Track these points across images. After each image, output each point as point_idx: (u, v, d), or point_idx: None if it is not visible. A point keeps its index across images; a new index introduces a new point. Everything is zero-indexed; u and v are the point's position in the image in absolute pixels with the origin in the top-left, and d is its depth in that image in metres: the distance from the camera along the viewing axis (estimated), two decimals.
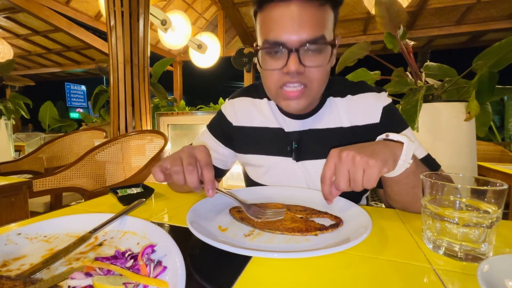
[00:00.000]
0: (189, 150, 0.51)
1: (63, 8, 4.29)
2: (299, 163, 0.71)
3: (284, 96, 0.61)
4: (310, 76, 0.59)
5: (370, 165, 0.44)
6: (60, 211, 0.59)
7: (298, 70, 0.56)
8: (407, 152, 0.49)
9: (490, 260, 0.31)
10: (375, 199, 3.03)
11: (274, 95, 0.64)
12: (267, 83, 0.64)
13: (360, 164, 0.45)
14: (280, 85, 0.61)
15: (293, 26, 0.55)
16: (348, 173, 0.46)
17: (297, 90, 0.59)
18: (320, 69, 0.59)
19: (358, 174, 0.45)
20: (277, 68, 0.59)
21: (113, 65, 2.25)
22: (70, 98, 11.71)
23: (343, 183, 0.46)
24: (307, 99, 0.62)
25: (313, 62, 0.57)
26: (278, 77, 0.60)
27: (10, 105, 3.49)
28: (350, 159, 0.45)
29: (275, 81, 0.61)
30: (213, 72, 6.50)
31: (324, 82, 0.63)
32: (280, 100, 0.63)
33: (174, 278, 0.30)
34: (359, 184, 0.45)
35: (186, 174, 0.48)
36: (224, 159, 0.82)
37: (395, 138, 0.51)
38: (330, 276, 0.34)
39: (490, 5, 4.03)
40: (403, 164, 0.49)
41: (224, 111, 0.81)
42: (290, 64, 0.56)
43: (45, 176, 1.48)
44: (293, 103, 0.61)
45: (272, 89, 0.63)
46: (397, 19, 1.39)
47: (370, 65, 1.73)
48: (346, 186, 0.46)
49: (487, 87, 1.24)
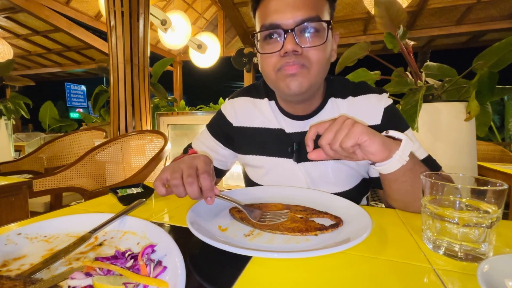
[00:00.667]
0: (189, 161, 0.52)
1: (63, 8, 4.29)
2: (300, 164, 0.71)
3: (283, 75, 0.60)
4: (309, 56, 0.58)
5: (355, 126, 0.48)
6: (60, 211, 0.59)
7: (295, 49, 0.56)
8: (404, 148, 0.49)
9: (490, 260, 0.31)
10: (375, 199, 3.03)
11: (274, 79, 0.63)
12: (265, 69, 0.63)
13: (347, 124, 0.48)
14: (278, 68, 0.60)
15: (287, 8, 0.56)
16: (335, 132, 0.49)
17: (295, 67, 0.59)
18: (318, 50, 0.58)
19: (341, 132, 0.48)
20: (275, 51, 0.59)
21: (113, 65, 2.25)
22: (70, 98, 11.71)
23: (325, 137, 0.49)
24: (307, 79, 0.60)
25: (310, 42, 0.58)
26: (276, 60, 0.60)
27: (10, 105, 3.49)
28: (342, 120, 0.49)
29: (273, 65, 0.61)
30: (213, 72, 6.49)
31: (324, 65, 0.61)
32: (280, 82, 0.62)
33: (174, 278, 0.30)
34: (338, 139, 0.48)
35: (187, 186, 0.48)
36: (223, 159, 0.82)
37: (395, 136, 0.52)
38: (330, 276, 0.34)
39: (490, 5, 4.03)
40: (399, 159, 0.49)
41: (224, 111, 0.81)
42: (287, 44, 0.56)
43: (45, 176, 1.48)
44: (292, 81, 0.59)
45: (271, 73, 0.62)
46: (397, 19, 1.39)
47: (370, 65, 1.73)
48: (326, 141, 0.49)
49: (487, 87, 1.24)
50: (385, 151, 0.49)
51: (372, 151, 0.49)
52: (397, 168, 0.50)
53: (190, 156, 0.54)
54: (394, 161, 0.49)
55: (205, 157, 0.54)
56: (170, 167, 0.52)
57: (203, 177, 0.49)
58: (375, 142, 0.48)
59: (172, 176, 0.49)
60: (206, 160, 0.53)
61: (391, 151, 0.49)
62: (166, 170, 0.52)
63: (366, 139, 0.47)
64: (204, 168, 0.50)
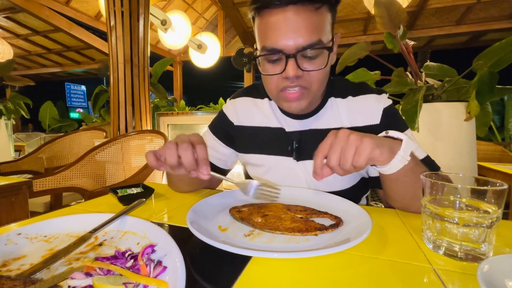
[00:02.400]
0: (184, 136, 0.53)
1: (63, 8, 4.29)
2: (300, 162, 0.71)
3: (285, 98, 0.63)
4: (309, 79, 0.60)
5: (363, 142, 0.46)
6: (60, 211, 0.59)
7: (296, 74, 0.58)
8: (405, 148, 0.49)
9: (490, 260, 0.31)
10: (375, 199, 3.03)
11: (275, 97, 0.67)
12: (267, 87, 0.66)
13: (354, 141, 0.46)
14: (280, 89, 0.62)
15: (289, 33, 0.55)
16: (341, 150, 0.47)
17: (296, 92, 0.61)
18: (318, 72, 0.60)
19: (349, 151, 0.46)
20: (277, 73, 0.60)
21: (113, 65, 2.25)
22: (70, 98, 11.70)
23: (333, 158, 0.47)
24: (307, 99, 0.63)
25: (311, 66, 0.58)
26: (278, 81, 0.61)
27: (10, 105, 3.49)
28: (345, 137, 0.47)
29: (275, 85, 0.62)
30: (213, 72, 6.50)
31: (323, 83, 0.63)
32: (282, 102, 0.65)
33: (174, 278, 0.30)
34: (348, 159, 0.46)
35: (181, 151, 0.48)
36: (225, 158, 0.82)
37: (395, 135, 0.51)
38: (330, 276, 0.34)
39: (490, 5, 4.03)
40: (401, 160, 0.49)
41: (226, 110, 0.82)
42: (289, 69, 0.57)
43: (45, 176, 1.48)
44: (293, 104, 0.63)
45: (272, 92, 0.65)
46: (397, 19, 1.39)
47: (370, 65, 1.73)
48: (336, 161, 0.47)
49: (487, 87, 1.24)
50: (391, 155, 0.49)
51: (382, 160, 0.48)
52: (399, 169, 0.50)
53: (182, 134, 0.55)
54: (396, 161, 0.49)
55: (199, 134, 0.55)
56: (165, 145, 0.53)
57: (200, 146, 0.50)
58: (385, 152, 0.48)
59: (167, 144, 0.50)
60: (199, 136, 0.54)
61: (393, 152, 0.49)
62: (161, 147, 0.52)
63: (377, 152, 0.47)
64: (199, 139, 0.52)
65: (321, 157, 0.49)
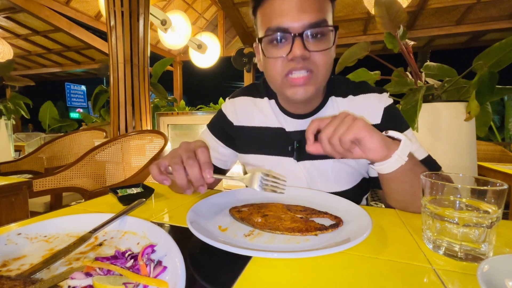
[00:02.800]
0: (186, 146, 0.52)
1: (63, 8, 4.29)
2: (300, 163, 0.71)
3: (291, 83, 0.60)
4: (316, 61, 0.58)
5: (355, 121, 0.48)
6: (60, 211, 0.59)
7: (303, 54, 0.56)
8: (403, 148, 0.49)
9: (490, 260, 0.31)
10: (375, 199, 3.03)
11: (279, 84, 0.63)
12: (271, 73, 0.62)
13: (348, 119, 0.48)
14: (285, 73, 0.60)
15: (294, 11, 0.55)
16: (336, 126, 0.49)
17: (304, 76, 0.59)
18: (324, 54, 0.58)
19: (342, 127, 0.48)
20: (282, 56, 0.58)
21: (113, 65, 2.25)
22: (70, 98, 11.70)
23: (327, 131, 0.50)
24: (313, 85, 0.61)
25: (318, 47, 0.57)
26: (283, 65, 0.59)
27: (10, 105, 3.49)
28: (343, 116, 0.50)
29: (280, 69, 0.60)
30: (213, 72, 6.49)
31: (329, 68, 0.62)
32: (286, 89, 0.62)
33: (174, 278, 0.30)
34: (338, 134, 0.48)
35: (188, 168, 0.48)
36: (224, 159, 0.82)
37: (394, 136, 0.52)
38: (330, 276, 0.34)
39: (490, 5, 4.03)
40: (398, 159, 0.49)
41: (225, 110, 0.81)
42: (295, 49, 0.55)
43: (45, 176, 1.48)
44: (300, 90, 0.60)
45: (277, 78, 0.62)
46: (397, 19, 1.39)
47: (370, 65, 1.72)
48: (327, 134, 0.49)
49: (487, 87, 1.24)
50: (384, 149, 0.49)
51: (371, 148, 0.49)
52: (396, 168, 0.50)
53: (185, 142, 0.54)
54: (393, 161, 0.49)
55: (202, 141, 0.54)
56: (168, 154, 0.52)
57: (201, 150, 0.50)
58: (374, 138, 0.48)
59: (172, 161, 0.49)
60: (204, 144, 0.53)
61: (390, 150, 0.49)
62: (164, 158, 0.51)
63: (365, 134, 0.48)
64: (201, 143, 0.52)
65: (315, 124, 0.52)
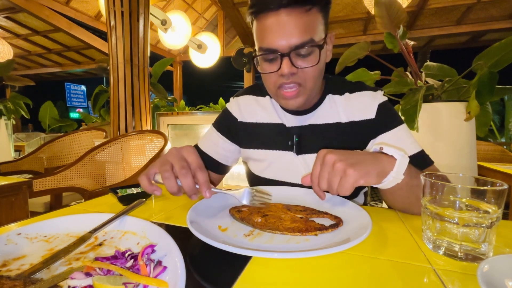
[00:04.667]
0: (177, 153, 0.51)
1: (63, 8, 4.29)
2: (300, 156, 0.74)
3: (282, 96, 0.66)
4: (304, 76, 0.63)
5: (347, 174, 0.45)
6: (60, 211, 0.59)
7: (291, 71, 0.61)
8: (398, 169, 0.47)
9: (490, 260, 0.31)
10: (375, 199, 3.03)
11: (274, 95, 0.69)
12: (266, 85, 0.69)
13: (338, 170, 0.46)
14: (277, 86, 0.65)
15: (282, 33, 0.59)
16: (328, 176, 0.48)
17: (293, 91, 0.64)
18: (312, 69, 0.63)
19: (334, 180, 0.47)
20: (273, 71, 0.63)
21: (113, 65, 2.25)
22: (70, 98, 11.71)
23: (322, 184, 0.49)
24: (303, 97, 0.66)
25: (304, 63, 0.62)
26: (275, 79, 0.65)
27: (10, 105, 3.49)
28: (331, 164, 0.47)
29: (273, 83, 0.66)
30: (213, 72, 6.50)
31: (318, 79, 0.66)
32: (280, 100, 0.68)
33: (174, 278, 0.30)
34: (333, 189, 0.47)
35: (181, 178, 0.47)
36: (227, 154, 0.84)
37: (389, 152, 0.49)
38: (330, 276, 0.34)
39: (490, 5, 4.03)
40: (393, 180, 0.48)
41: (230, 108, 0.85)
42: (284, 67, 0.61)
43: (45, 176, 1.48)
44: (291, 102, 0.66)
45: (271, 90, 0.68)
46: (397, 19, 1.39)
47: (370, 65, 1.72)
48: (325, 187, 0.49)
49: (487, 87, 1.24)
50: (379, 177, 0.48)
51: (370, 183, 0.48)
52: (392, 186, 0.49)
53: (176, 148, 0.53)
54: (388, 181, 0.48)
55: (192, 148, 0.53)
56: (157, 161, 0.51)
57: (200, 170, 0.49)
58: (371, 180, 0.47)
59: (162, 168, 0.48)
60: (194, 152, 0.52)
61: (383, 173, 0.48)
62: (153, 165, 0.51)
63: (362, 182, 0.46)
64: (197, 161, 0.51)
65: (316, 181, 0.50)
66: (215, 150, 0.83)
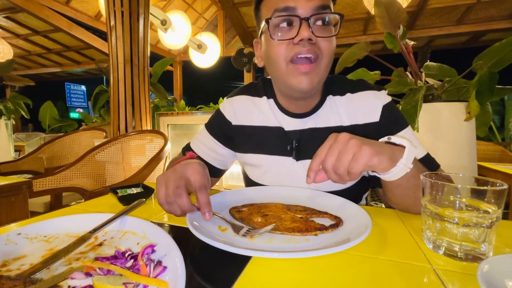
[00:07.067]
0: (181, 170, 0.51)
1: (63, 8, 4.29)
2: (299, 162, 0.71)
3: (296, 71, 0.59)
4: (321, 47, 0.58)
5: (362, 149, 0.45)
6: (60, 211, 0.59)
7: (310, 37, 0.55)
8: (408, 156, 0.47)
9: (490, 260, 0.31)
10: (375, 199, 3.03)
11: (283, 72, 0.61)
12: (275, 60, 0.60)
13: (353, 146, 0.45)
14: (290, 59, 0.58)
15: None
16: (338, 153, 0.46)
17: (308, 64, 0.58)
18: (329, 41, 0.58)
19: (346, 155, 0.45)
20: (288, 38, 0.57)
21: (113, 65, 2.25)
22: (70, 98, 11.71)
23: (329, 161, 0.46)
24: (317, 75, 0.60)
25: (323, 33, 0.57)
26: (288, 49, 0.58)
27: (10, 105, 3.49)
28: (345, 141, 0.46)
29: (285, 54, 0.59)
30: (213, 72, 6.49)
31: (332, 58, 0.61)
32: (291, 78, 0.60)
33: (174, 278, 0.30)
34: (344, 163, 0.45)
35: (175, 198, 0.47)
36: (223, 159, 0.81)
37: (397, 142, 0.49)
38: (330, 276, 0.34)
39: (490, 5, 4.03)
40: (403, 168, 0.48)
41: (223, 110, 0.80)
42: (303, 31, 0.55)
43: (45, 176, 1.48)
44: (305, 78, 0.59)
45: (280, 65, 0.60)
46: (397, 19, 1.39)
47: (370, 65, 1.72)
48: (331, 165, 0.46)
49: (487, 87, 1.24)
50: (390, 162, 0.47)
51: (381, 168, 0.47)
52: (400, 176, 0.49)
53: (182, 164, 0.53)
54: (398, 169, 0.48)
55: (199, 164, 0.52)
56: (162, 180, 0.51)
57: (200, 192, 0.48)
58: (384, 161, 0.46)
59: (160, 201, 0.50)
60: (199, 170, 0.51)
61: (394, 160, 0.48)
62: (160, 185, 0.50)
63: (376, 161, 0.45)
64: (200, 181, 0.50)
65: (318, 160, 0.48)
66: (209, 154, 0.79)
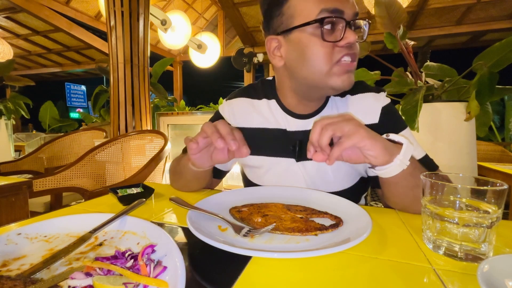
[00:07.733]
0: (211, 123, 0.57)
1: (63, 8, 4.30)
2: (300, 163, 0.71)
3: (342, 70, 0.59)
4: (356, 51, 0.60)
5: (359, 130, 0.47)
6: (60, 211, 0.59)
7: (356, 40, 0.58)
8: (405, 152, 0.49)
9: (490, 260, 0.31)
10: (375, 199, 3.03)
11: (326, 72, 0.59)
12: (319, 60, 0.59)
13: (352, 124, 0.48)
14: (336, 60, 0.58)
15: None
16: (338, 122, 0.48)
17: (351, 63, 0.60)
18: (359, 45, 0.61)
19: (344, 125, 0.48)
20: (337, 40, 0.57)
21: (113, 65, 2.25)
22: (70, 98, 11.72)
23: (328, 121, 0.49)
24: (353, 73, 0.62)
25: (359, 37, 0.60)
26: (336, 51, 0.58)
27: (10, 105, 3.49)
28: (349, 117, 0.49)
29: (330, 55, 0.58)
30: (213, 72, 6.50)
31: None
32: (334, 78, 0.59)
33: (174, 278, 0.30)
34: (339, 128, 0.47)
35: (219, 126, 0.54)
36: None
37: (395, 139, 0.51)
38: (330, 276, 0.34)
39: (490, 5, 4.03)
40: (400, 164, 0.49)
41: (222, 112, 0.80)
42: (351, 35, 0.56)
43: (45, 176, 1.48)
44: (348, 77, 0.60)
45: (324, 65, 0.59)
46: (397, 19, 1.39)
47: (370, 65, 1.73)
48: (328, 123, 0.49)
49: (487, 87, 1.24)
50: (386, 155, 0.48)
51: (373, 155, 0.48)
52: (397, 172, 0.50)
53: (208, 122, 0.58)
54: (395, 165, 0.49)
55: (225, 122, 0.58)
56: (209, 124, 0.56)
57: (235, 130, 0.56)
58: (376, 146, 0.47)
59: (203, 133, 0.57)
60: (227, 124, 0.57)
61: (392, 155, 0.49)
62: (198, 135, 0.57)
63: (367, 143, 0.47)
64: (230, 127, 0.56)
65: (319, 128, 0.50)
66: None
